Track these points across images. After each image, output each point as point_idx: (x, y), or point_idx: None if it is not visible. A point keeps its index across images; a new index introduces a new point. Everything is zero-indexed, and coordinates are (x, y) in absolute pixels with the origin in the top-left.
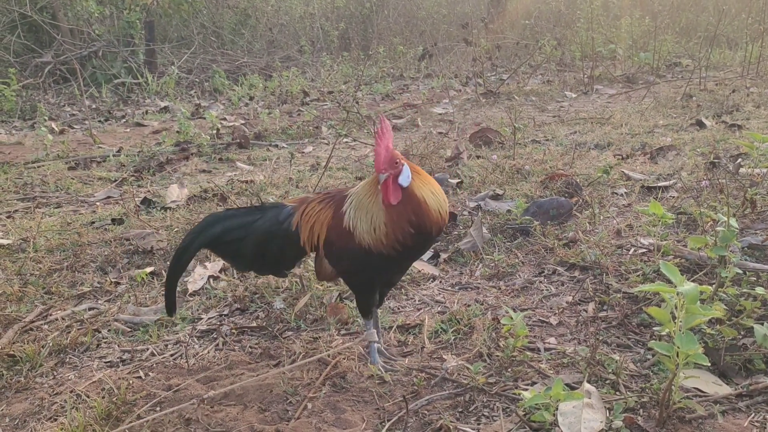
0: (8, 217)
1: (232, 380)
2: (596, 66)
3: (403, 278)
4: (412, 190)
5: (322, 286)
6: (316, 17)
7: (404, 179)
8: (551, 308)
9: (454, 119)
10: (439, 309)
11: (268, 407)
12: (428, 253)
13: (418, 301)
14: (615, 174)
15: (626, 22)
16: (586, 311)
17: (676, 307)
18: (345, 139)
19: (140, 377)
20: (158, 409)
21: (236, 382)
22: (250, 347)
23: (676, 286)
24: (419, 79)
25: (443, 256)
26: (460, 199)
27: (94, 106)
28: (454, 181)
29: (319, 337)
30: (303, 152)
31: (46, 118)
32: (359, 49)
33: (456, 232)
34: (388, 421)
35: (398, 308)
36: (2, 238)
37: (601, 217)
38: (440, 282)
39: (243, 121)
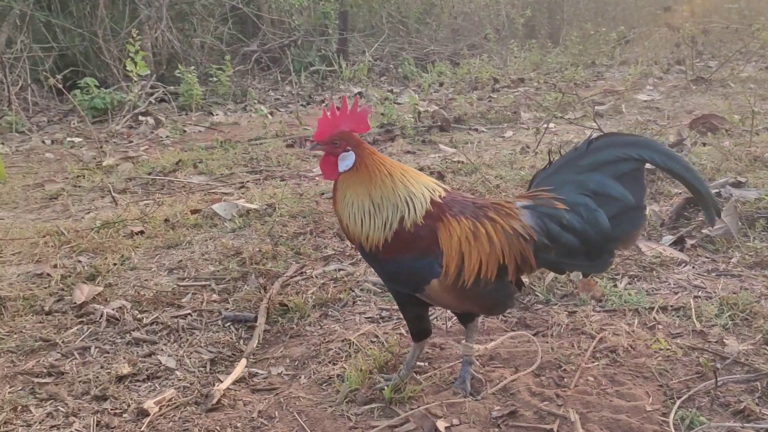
0: (241, 187)
1: (494, 345)
2: None
3: (652, 260)
4: (337, 193)
5: None
6: (501, 4)
7: (342, 165)
8: None
9: (661, 107)
10: (700, 293)
11: (541, 372)
12: (670, 238)
13: (673, 284)
14: None
15: None
16: None
17: None
18: (546, 125)
19: (402, 334)
20: (426, 364)
21: (498, 346)
22: (503, 316)
23: None
24: (613, 66)
25: (689, 242)
26: None
27: (294, 92)
28: None
29: (576, 311)
30: (503, 137)
31: (256, 101)
32: (546, 37)
33: (700, 218)
34: (678, 398)
35: (652, 290)
36: (250, 203)
37: None
38: (692, 267)
39: (437, 107)
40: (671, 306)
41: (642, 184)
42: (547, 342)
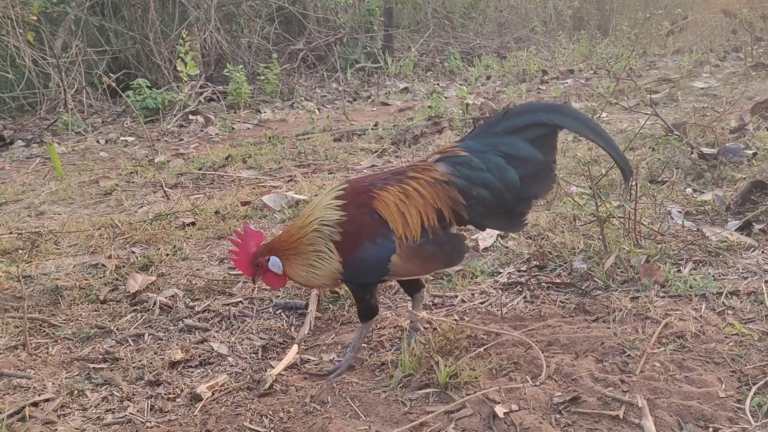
0: (289, 180)
1: (552, 330)
2: None
3: (718, 245)
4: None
5: (627, 247)
6: None
7: (276, 268)
8: None
9: (719, 93)
10: None
11: (604, 358)
12: (735, 222)
13: (742, 269)
14: None
15: None
16: None
17: None
18: (598, 114)
19: (456, 320)
20: (482, 350)
21: (556, 332)
22: (560, 302)
23: None
24: (666, 55)
25: (757, 226)
26: (761, 169)
27: (340, 89)
28: (750, 152)
29: (638, 296)
30: None
31: (303, 98)
32: (595, 28)
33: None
34: (754, 384)
35: (720, 275)
36: (299, 194)
37: None
38: (762, 252)
39: (484, 99)
40: (741, 291)
41: (553, 146)
42: (609, 327)
